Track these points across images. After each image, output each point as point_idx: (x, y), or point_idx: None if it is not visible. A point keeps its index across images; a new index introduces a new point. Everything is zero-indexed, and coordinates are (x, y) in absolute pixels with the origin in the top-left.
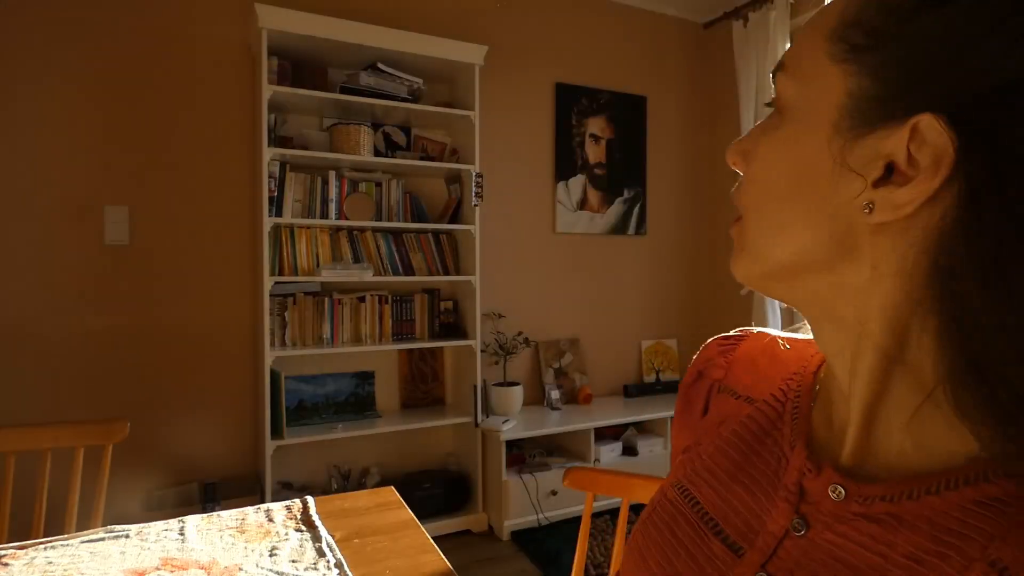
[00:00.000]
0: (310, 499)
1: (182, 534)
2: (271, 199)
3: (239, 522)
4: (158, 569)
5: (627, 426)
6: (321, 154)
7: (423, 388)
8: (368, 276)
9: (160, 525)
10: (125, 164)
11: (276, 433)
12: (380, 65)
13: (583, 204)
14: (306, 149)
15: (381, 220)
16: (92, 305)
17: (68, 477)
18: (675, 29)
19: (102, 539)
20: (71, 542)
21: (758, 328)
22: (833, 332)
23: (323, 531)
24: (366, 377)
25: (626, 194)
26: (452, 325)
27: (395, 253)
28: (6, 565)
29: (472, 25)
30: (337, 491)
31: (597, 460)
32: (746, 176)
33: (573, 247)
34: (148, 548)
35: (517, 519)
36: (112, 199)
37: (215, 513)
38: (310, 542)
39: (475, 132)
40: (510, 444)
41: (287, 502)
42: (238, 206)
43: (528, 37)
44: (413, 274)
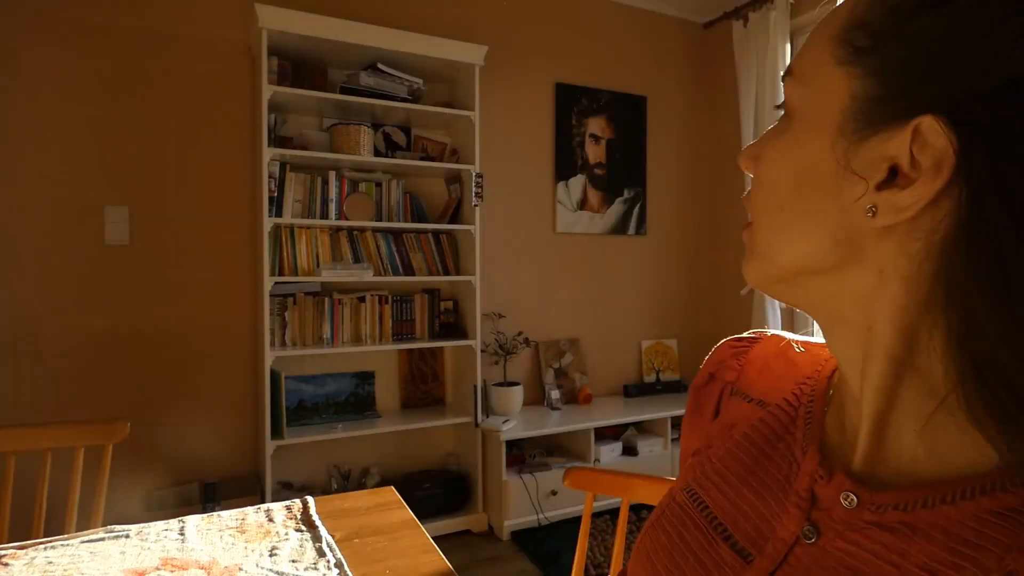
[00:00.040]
0: (310, 499)
1: (182, 534)
2: (271, 199)
3: (239, 522)
4: (158, 569)
5: (627, 426)
6: (321, 154)
7: (423, 388)
8: (368, 276)
9: (160, 525)
10: (125, 164)
11: (276, 433)
12: (380, 65)
13: (583, 204)
14: (306, 149)
15: (381, 220)
16: (92, 305)
17: (68, 477)
18: (675, 29)
19: (102, 539)
20: (71, 542)
21: (772, 331)
22: (843, 336)
23: (323, 531)
24: (366, 377)
25: (626, 194)
26: (452, 325)
27: (395, 253)
28: (6, 565)
29: (472, 25)
30: (337, 491)
31: (597, 460)
32: (755, 180)
33: (573, 247)
34: (148, 548)
35: (517, 519)
36: (112, 199)
37: (215, 513)
38: (310, 542)
39: (475, 132)
40: (510, 444)
41: (287, 502)
42: (238, 206)
43: (528, 37)
44: (413, 274)
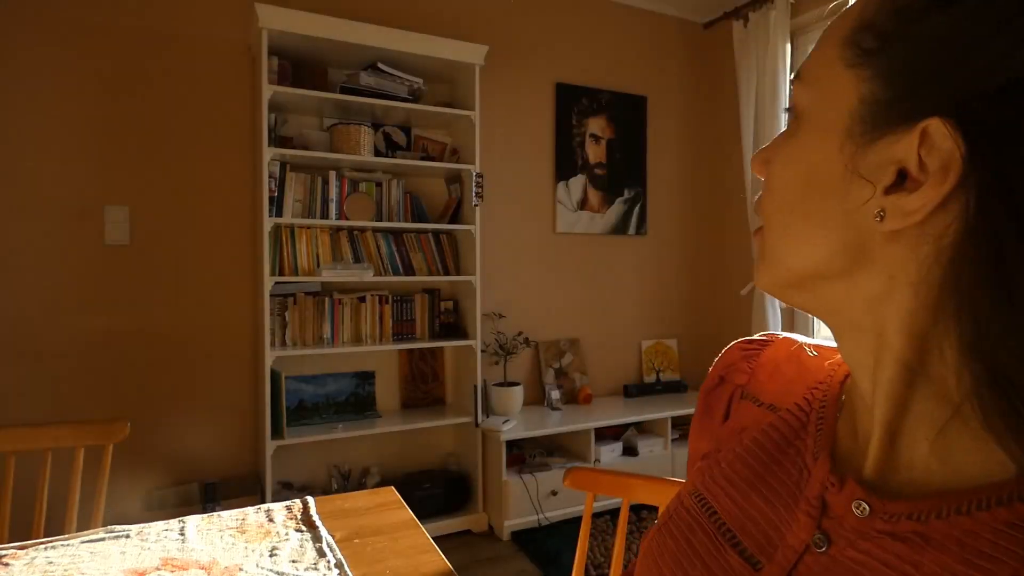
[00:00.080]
0: (310, 499)
1: (182, 534)
2: (271, 199)
3: (239, 522)
4: (158, 569)
5: (627, 426)
6: (321, 154)
7: (423, 388)
8: (368, 276)
9: (160, 525)
10: (125, 164)
11: (276, 433)
12: (380, 65)
13: (583, 204)
14: (306, 149)
15: (381, 220)
16: (92, 305)
17: (68, 477)
18: (675, 29)
19: (102, 539)
20: (71, 542)
21: (784, 333)
22: (854, 342)
23: (323, 531)
24: (366, 377)
25: (626, 194)
26: (452, 325)
27: (395, 253)
28: (6, 565)
29: (472, 25)
30: (337, 491)
31: (597, 460)
32: (765, 184)
33: (573, 247)
34: (148, 548)
35: (517, 519)
36: (112, 199)
37: (215, 513)
38: (310, 542)
39: (475, 132)
40: (510, 444)
41: (287, 502)
42: (238, 206)
43: (528, 37)
44: (413, 274)
